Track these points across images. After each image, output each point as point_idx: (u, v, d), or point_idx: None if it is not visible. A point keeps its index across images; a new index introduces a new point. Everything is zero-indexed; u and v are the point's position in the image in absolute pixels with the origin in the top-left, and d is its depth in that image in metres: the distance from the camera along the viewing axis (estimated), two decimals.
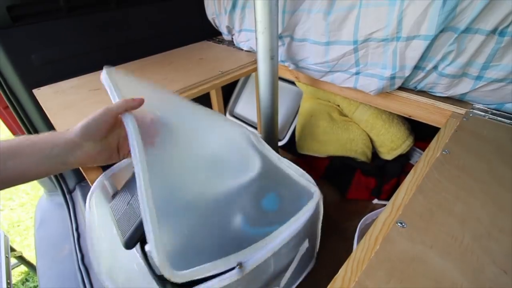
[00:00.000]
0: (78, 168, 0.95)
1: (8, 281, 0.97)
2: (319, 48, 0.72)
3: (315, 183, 0.56)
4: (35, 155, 0.36)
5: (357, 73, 0.70)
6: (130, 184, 0.61)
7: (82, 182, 1.06)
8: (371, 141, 0.90)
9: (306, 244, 0.54)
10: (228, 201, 0.54)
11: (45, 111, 0.73)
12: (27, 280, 1.42)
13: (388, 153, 0.87)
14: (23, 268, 1.42)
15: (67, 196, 1.06)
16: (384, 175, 0.89)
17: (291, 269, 0.54)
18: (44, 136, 0.38)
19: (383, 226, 0.38)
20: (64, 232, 1.00)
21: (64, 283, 0.86)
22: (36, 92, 0.83)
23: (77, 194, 1.05)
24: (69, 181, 1.07)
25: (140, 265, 0.58)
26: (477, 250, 0.34)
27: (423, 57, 0.59)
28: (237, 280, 0.41)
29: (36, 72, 0.86)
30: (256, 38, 0.70)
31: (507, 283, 0.30)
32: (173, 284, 0.46)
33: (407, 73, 0.63)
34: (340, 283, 0.32)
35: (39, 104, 0.85)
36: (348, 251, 0.72)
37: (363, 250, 0.35)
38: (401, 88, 0.69)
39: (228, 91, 1.39)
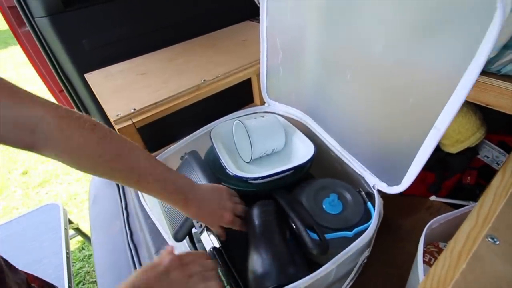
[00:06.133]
0: None
1: (67, 250, 1.06)
2: None
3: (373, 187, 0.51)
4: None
5: None
6: (181, 172, 0.61)
7: None
8: None
9: (366, 253, 0.50)
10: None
11: (96, 96, 0.76)
12: (83, 249, 1.57)
13: (452, 146, 0.76)
14: (79, 237, 1.57)
15: None
16: (445, 169, 0.79)
17: (349, 279, 0.50)
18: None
19: (467, 239, 0.32)
20: (114, 209, 1.07)
21: (116, 256, 0.92)
22: (87, 76, 0.86)
23: None
24: None
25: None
26: None
27: None
28: None
29: (87, 56, 0.89)
30: None
31: None
32: (229, 276, 0.45)
33: (492, 54, 0.53)
34: None
35: (90, 88, 0.89)
36: (404, 251, 0.67)
37: (443, 267, 0.30)
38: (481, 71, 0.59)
39: None
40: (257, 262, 0.43)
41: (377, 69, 0.49)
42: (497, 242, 0.31)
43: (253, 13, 1.16)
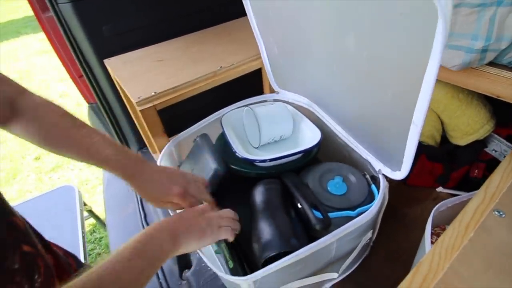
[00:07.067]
0: (140, 136, 1.03)
1: (83, 230, 1.10)
2: None
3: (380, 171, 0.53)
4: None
5: None
6: (193, 155, 0.64)
7: (143, 149, 1.15)
8: (442, 123, 0.82)
9: (369, 234, 0.52)
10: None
11: (117, 79, 0.79)
12: (94, 231, 1.62)
13: (461, 138, 0.78)
14: (90, 221, 1.61)
15: None
16: (453, 161, 0.81)
17: (351, 257, 0.53)
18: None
19: (475, 213, 0.35)
20: (128, 192, 1.10)
21: (130, 237, 0.96)
22: (107, 62, 0.89)
23: None
24: (132, 148, 1.15)
25: None
26: None
27: None
28: (298, 261, 0.42)
29: (107, 43, 0.91)
30: None
31: None
32: (232, 251, 0.48)
33: (504, 45, 0.54)
34: (427, 268, 0.30)
35: (108, 74, 0.92)
36: (408, 237, 0.69)
37: (452, 237, 0.33)
38: (491, 63, 0.60)
39: None
40: (261, 232, 0.46)
41: (354, 61, 0.50)
42: (503, 216, 0.33)
43: None
